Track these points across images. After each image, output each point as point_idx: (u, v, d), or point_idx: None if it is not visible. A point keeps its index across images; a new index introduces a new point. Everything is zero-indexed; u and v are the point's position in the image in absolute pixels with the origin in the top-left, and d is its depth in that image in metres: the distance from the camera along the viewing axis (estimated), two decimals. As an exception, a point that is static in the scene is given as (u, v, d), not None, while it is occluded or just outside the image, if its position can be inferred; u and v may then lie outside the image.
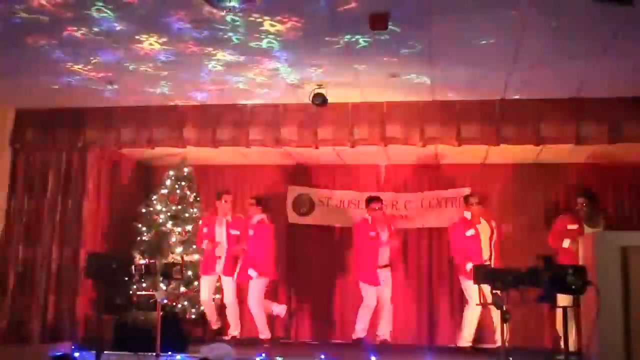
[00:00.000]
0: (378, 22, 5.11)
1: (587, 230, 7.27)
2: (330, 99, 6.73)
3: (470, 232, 7.63)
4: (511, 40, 5.52)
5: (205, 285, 8.15)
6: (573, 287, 5.30)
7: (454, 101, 7.14)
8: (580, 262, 6.44)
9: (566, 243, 7.28)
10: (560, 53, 5.81)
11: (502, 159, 8.73)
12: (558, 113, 6.93)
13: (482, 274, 5.93)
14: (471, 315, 7.56)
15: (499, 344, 6.69)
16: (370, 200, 8.11)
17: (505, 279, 5.76)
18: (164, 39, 5.70)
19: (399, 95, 7.07)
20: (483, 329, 8.01)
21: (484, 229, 7.66)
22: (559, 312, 6.33)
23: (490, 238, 7.64)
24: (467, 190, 8.84)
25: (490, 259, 7.50)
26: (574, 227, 7.35)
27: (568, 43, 5.57)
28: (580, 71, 6.25)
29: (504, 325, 5.78)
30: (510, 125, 7.04)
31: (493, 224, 7.78)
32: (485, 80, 6.54)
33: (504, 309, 5.71)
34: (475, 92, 6.91)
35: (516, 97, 6.98)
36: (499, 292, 5.73)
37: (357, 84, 6.74)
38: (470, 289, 7.18)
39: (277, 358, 6.66)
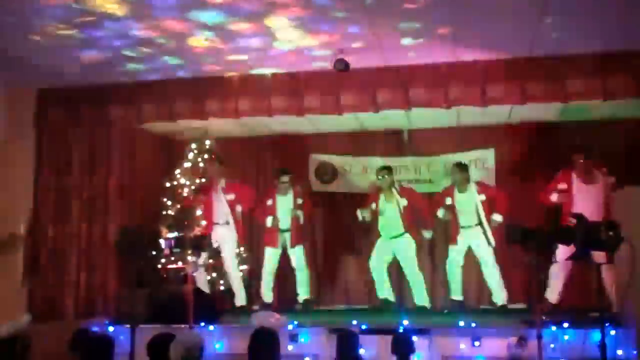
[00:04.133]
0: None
1: (582, 189, 7.22)
2: (351, 65, 6.65)
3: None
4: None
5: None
6: (607, 244, 5.27)
7: (478, 61, 7.01)
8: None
9: (554, 197, 7.38)
10: (587, 6, 5.67)
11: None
12: (585, 69, 6.80)
13: (515, 234, 5.89)
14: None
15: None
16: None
17: (538, 238, 5.74)
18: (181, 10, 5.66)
19: (422, 57, 6.97)
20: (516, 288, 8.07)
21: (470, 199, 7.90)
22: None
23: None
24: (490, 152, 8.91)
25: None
26: (564, 186, 7.33)
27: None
28: (607, 24, 6.10)
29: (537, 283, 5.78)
30: (536, 83, 6.92)
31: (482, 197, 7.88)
32: (510, 38, 6.42)
33: (537, 268, 5.70)
34: (500, 51, 6.79)
35: (541, 54, 6.84)
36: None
37: (379, 47, 6.65)
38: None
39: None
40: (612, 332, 6.02)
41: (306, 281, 8.36)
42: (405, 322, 6.45)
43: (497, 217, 7.74)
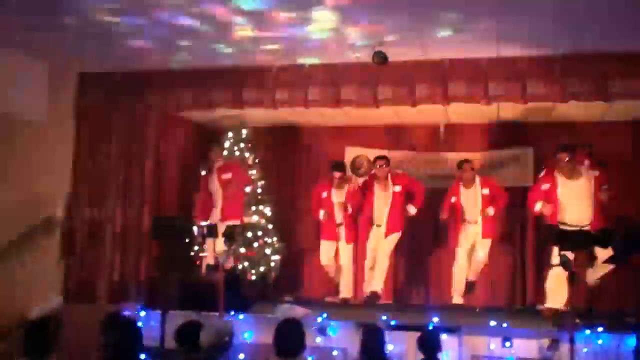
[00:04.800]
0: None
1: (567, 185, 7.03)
2: (390, 57, 6.56)
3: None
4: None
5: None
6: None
7: (519, 57, 6.87)
8: None
9: (538, 206, 7.13)
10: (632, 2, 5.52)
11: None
12: (627, 67, 6.62)
13: (552, 235, 5.79)
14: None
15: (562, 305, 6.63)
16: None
17: (575, 240, 5.63)
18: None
19: (462, 52, 6.87)
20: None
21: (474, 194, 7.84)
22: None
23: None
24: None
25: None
26: (547, 186, 7.12)
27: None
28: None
29: (572, 286, 5.67)
30: (577, 81, 6.76)
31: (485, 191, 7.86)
32: (551, 34, 6.28)
33: (572, 270, 5.59)
34: (541, 47, 6.65)
35: (584, 51, 6.69)
36: (567, 253, 5.63)
37: (419, 41, 6.57)
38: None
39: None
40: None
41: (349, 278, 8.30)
42: (435, 320, 6.40)
43: (490, 211, 7.80)
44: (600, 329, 6.09)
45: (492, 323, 6.38)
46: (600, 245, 5.79)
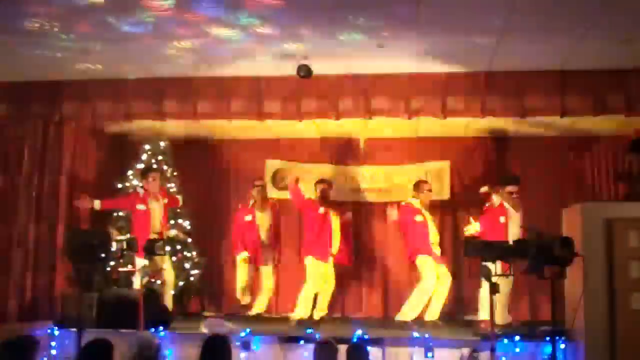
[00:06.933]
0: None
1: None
2: (314, 71, 6.58)
3: (419, 218, 7.62)
4: (500, 10, 5.47)
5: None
6: (560, 258, 5.35)
7: (440, 73, 7.06)
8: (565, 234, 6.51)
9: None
10: (548, 24, 5.78)
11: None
12: (543, 85, 6.92)
13: (471, 247, 5.94)
14: (421, 292, 7.48)
15: (484, 316, 6.79)
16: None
17: (494, 252, 5.80)
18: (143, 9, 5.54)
19: (385, 67, 6.98)
20: (466, 301, 8.16)
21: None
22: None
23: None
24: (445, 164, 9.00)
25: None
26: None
27: (556, 14, 5.56)
28: (566, 43, 6.24)
29: (492, 297, 5.81)
30: (495, 98, 7.01)
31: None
32: (472, 52, 6.48)
33: (492, 281, 5.74)
34: (462, 64, 6.85)
35: (502, 68, 6.93)
36: (488, 264, 5.78)
37: (343, 55, 6.63)
38: (424, 266, 7.42)
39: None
40: (562, 346, 6.11)
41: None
42: (359, 332, 6.44)
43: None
44: (517, 338, 6.30)
45: (415, 334, 6.48)
46: (517, 256, 5.97)
